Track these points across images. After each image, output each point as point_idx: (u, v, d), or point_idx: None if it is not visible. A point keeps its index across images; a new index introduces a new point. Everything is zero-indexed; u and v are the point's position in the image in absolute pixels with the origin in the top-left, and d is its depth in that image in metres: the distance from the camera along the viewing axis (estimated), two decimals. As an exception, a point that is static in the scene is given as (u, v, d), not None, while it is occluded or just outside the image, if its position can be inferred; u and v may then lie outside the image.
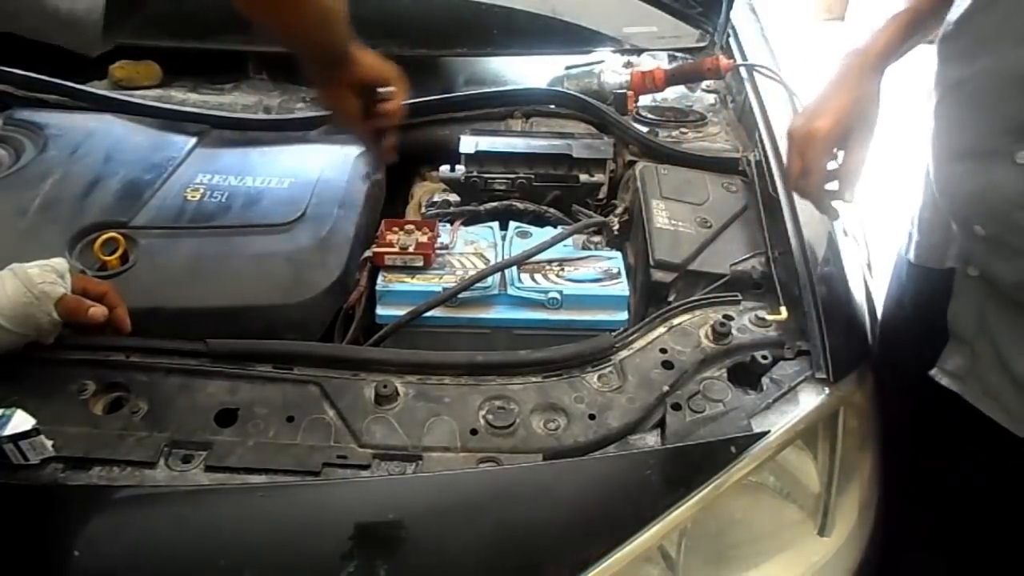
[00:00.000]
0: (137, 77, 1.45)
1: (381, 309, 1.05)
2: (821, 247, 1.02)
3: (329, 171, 1.18)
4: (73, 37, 0.76)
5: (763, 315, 0.96)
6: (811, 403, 0.87)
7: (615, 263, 1.10)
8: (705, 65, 1.39)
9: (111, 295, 0.86)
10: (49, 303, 0.80)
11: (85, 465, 0.77)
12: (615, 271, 1.08)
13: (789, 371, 0.90)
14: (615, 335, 0.93)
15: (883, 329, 1.11)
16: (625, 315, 1.06)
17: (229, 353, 0.88)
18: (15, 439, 0.73)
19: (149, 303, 0.93)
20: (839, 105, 0.90)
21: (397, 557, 0.72)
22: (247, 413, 0.82)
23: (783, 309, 0.97)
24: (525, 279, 1.06)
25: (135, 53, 1.46)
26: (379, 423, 0.82)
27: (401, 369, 0.88)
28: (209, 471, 0.77)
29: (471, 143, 1.24)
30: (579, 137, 1.30)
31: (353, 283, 1.07)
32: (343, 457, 0.79)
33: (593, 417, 0.83)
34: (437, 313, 1.02)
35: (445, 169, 1.24)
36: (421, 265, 1.08)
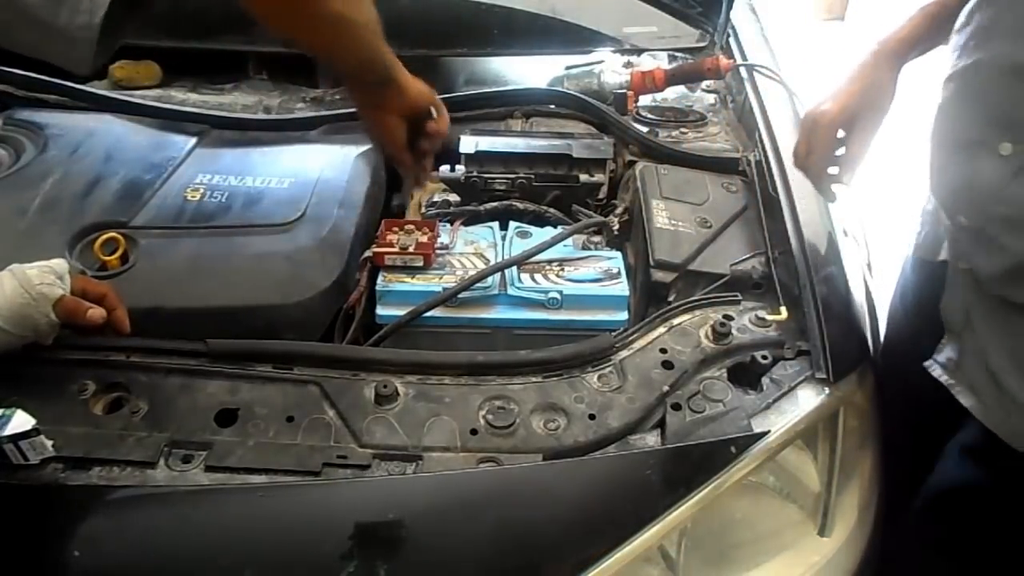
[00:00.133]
0: (137, 77, 1.45)
1: (381, 309, 1.05)
2: (821, 247, 1.02)
3: (329, 171, 1.18)
4: (66, 54, 0.75)
5: (763, 315, 0.96)
6: (811, 403, 0.87)
7: (615, 263, 1.10)
8: (705, 65, 1.39)
9: (110, 296, 0.86)
10: (47, 304, 0.80)
11: (85, 465, 0.77)
12: (615, 271, 1.08)
13: (789, 371, 0.90)
14: (615, 335, 0.93)
15: (888, 321, 1.13)
16: (625, 315, 1.06)
17: (229, 353, 0.88)
18: (15, 439, 0.73)
19: (149, 303, 0.93)
20: (848, 91, 0.94)
21: (397, 557, 0.72)
22: (247, 413, 0.82)
23: (783, 309, 0.97)
24: (525, 279, 1.06)
25: (135, 53, 1.46)
26: (379, 423, 0.82)
27: (401, 369, 0.88)
28: (209, 471, 0.77)
29: (471, 143, 1.24)
30: (579, 137, 1.30)
31: (353, 283, 1.07)
32: (343, 457, 0.79)
33: (593, 417, 0.83)
34: (437, 313, 1.02)
35: (445, 169, 1.24)
36: (421, 265, 1.08)
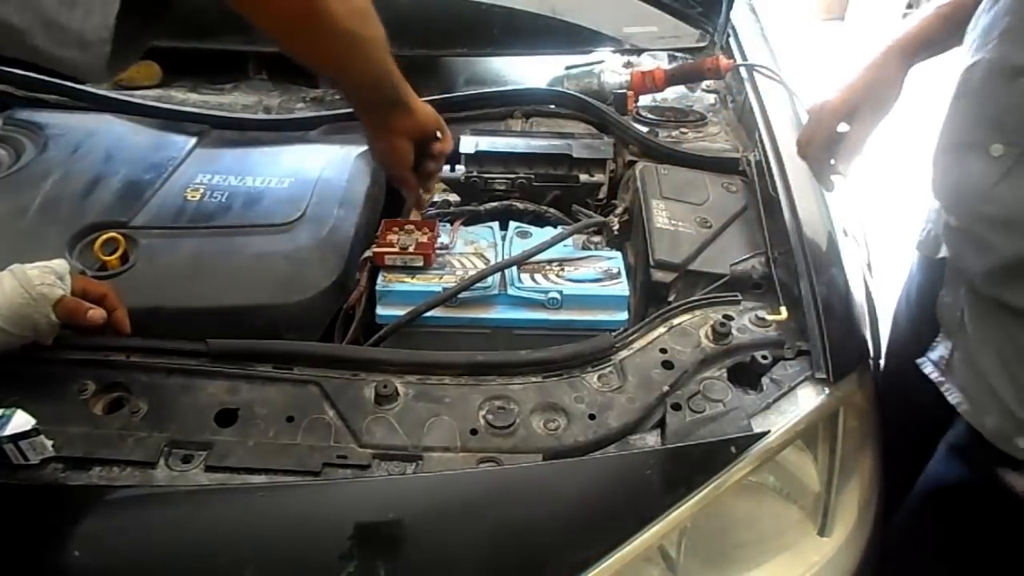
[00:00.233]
0: (137, 77, 1.46)
1: (381, 309, 1.05)
2: (821, 247, 1.02)
3: (329, 171, 1.18)
4: (80, 60, 0.75)
5: (763, 315, 0.96)
6: (811, 403, 0.87)
7: (615, 263, 1.10)
8: (705, 65, 1.39)
9: (111, 297, 0.86)
10: (47, 305, 0.80)
11: (85, 465, 0.77)
12: (615, 271, 1.08)
13: (789, 371, 0.90)
14: (615, 335, 0.93)
15: (893, 318, 1.13)
16: (625, 315, 1.06)
17: (229, 353, 0.88)
18: (15, 439, 0.73)
19: (149, 303, 0.93)
20: (853, 85, 0.96)
21: (397, 557, 0.72)
22: (247, 413, 0.82)
23: (783, 309, 0.97)
24: (525, 279, 1.06)
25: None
26: (379, 423, 0.82)
27: (401, 369, 0.88)
28: (209, 471, 0.77)
29: (471, 143, 1.24)
30: (579, 137, 1.30)
31: (353, 283, 1.07)
32: (343, 457, 0.79)
33: (593, 417, 0.83)
34: (437, 313, 1.02)
35: (445, 169, 1.24)
36: (421, 265, 1.08)
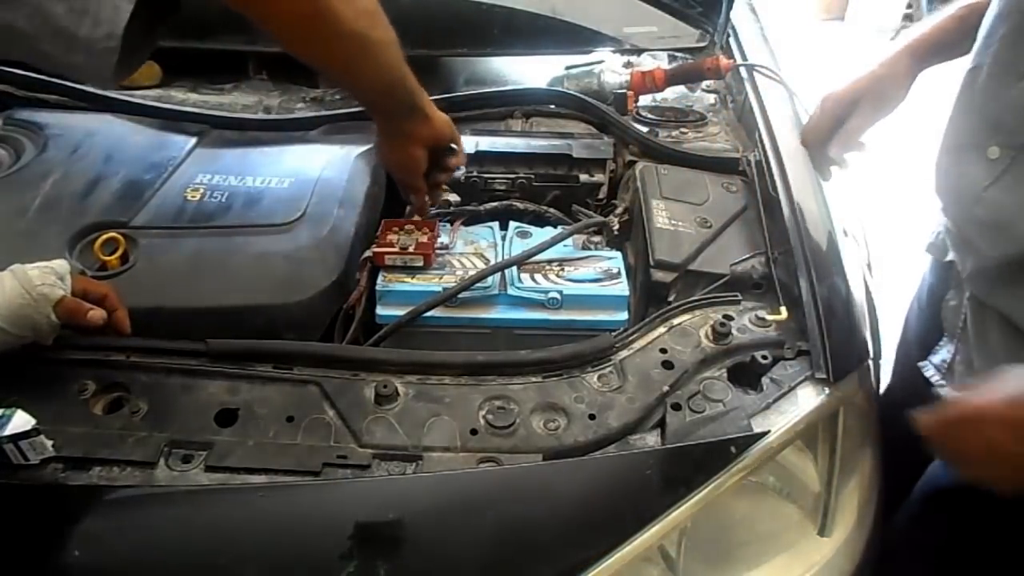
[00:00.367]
0: (137, 77, 1.45)
1: (381, 309, 1.05)
2: (821, 247, 1.02)
3: (329, 171, 1.18)
4: (88, 66, 0.74)
5: (763, 315, 0.96)
6: (811, 403, 0.87)
7: (615, 263, 1.10)
8: (705, 65, 1.39)
9: (111, 297, 0.86)
10: (48, 305, 0.80)
11: (85, 465, 0.77)
12: (615, 271, 1.08)
13: (789, 371, 0.90)
14: (615, 335, 0.93)
15: (905, 319, 1.14)
16: (625, 315, 1.06)
17: (229, 353, 0.88)
18: (15, 439, 0.73)
19: (149, 303, 0.93)
20: (860, 77, 0.99)
21: (397, 557, 0.72)
22: (247, 413, 0.82)
23: (783, 309, 0.97)
24: (525, 279, 1.06)
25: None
26: (379, 423, 0.82)
27: (401, 369, 0.88)
28: (209, 471, 0.77)
29: (471, 143, 1.24)
30: (579, 137, 1.30)
31: (353, 283, 1.07)
32: (343, 457, 0.79)
33: (593, 417, 0.83)
34: (437, 313, 1.02)
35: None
36: (421, 265, 1.08)
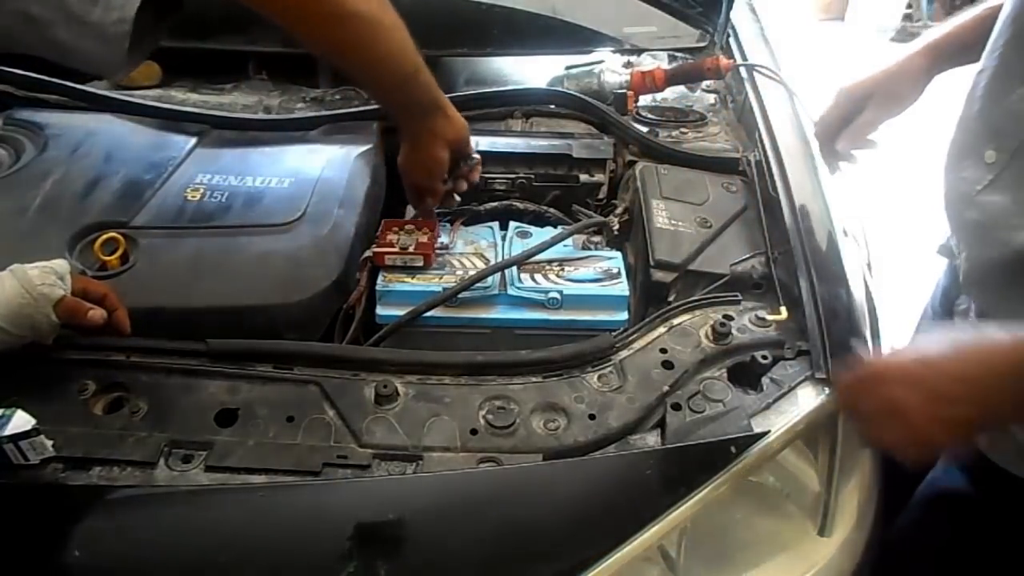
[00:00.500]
0: (137, 77, 1.45)
1: (381, 309, 1.05)
2: (821, 247, 1.02)
3: (329, 171, 1.18)
4: (98, 54, 0.74)
5: (763, 315, 0.96)
6: (811, 403, 0.87)
7: (615, 263, 1.10)
8: (705, 65, 1.39)
9: (111, 297, 0.86)
10: (48, 305, 0.80)
11: (85, 465, 0.77)
12: (615, 271, 1.08)
13: (789, 371, 0.89)
14: (615, 335, 0.93)
15: (919, 322, 1.15)
16: (625, 315, 1.06)
17: (229, 353, 0.88)
18: (15, 439, 0.73)
19: (149, 303, 0.93)
20: (874, 74, 0.99)
21: (397, 557, 0.72)
22: (247, 413, 0.82)
23: (783, 309, 0.97)
24: (525, 279, 1.06)
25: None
26: (379, 423, 0.82)
27: (401, 369, 0.88)
28: (209, 471, 0.77)
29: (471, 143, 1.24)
30: (579, 137, 1.30)
31: (353, 283, 1.07)
32: (343, 457, 0.79)
33: (593, 417, 0.83)
34: (437, 313, 1.02)
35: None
36: (421, 265, 1.08)
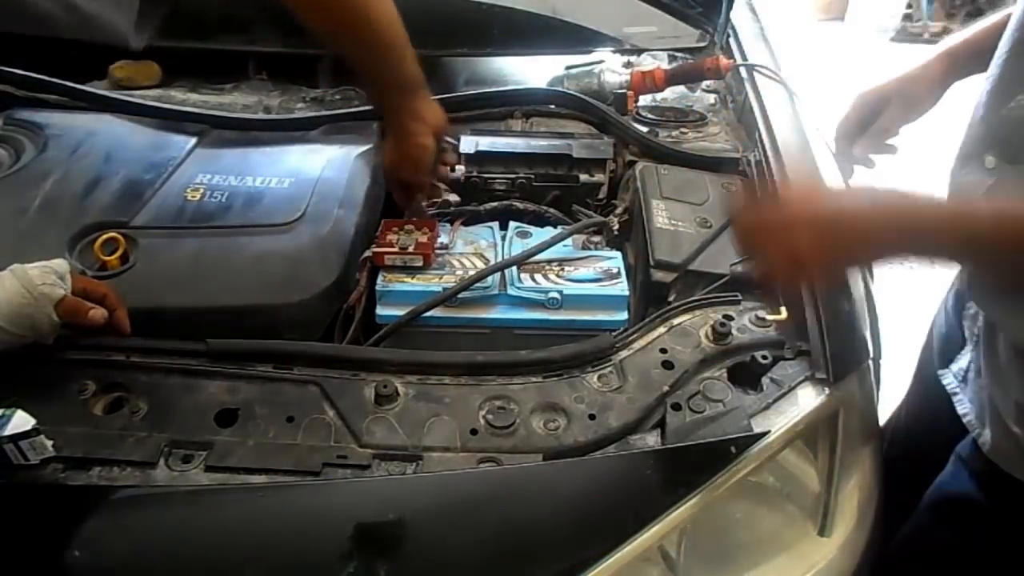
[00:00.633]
0: (137, 77, 1.45)
1: (381, 309, 1.05)
2: (821, 247, 1.02)
3: (329, 171, 1.18)
4: (110, 19, 0.73)
5: (763, 315, 0.96)
6: (811, 403, 0.87)
7: (615, 263, 1.10)
8: (705, 65, 1.39)
9: (111, 297, 0.86)
10: (48, 305, 0.80)
11: (85, 465, 0.77)
12: (615, 271, 1.08)
13: (789, 371, 0.89)
14: (615, 335, 0.93)
15: (931, 326, 1.14)
16: (625, 315, 1.06)
17: (229, 353, 0.88)
18: (15, 439, 0.73)
19: (149, 303, 0.93)
20: (893, 78, 1.00)
21: (397, 557, 0.72)
22: (247, 413, 0.82)
23: (783, 309, 0.97)
24: (525, 279, 1.06)
25: (135, 53, 1.45)
26: (379, 423, 0.82)
27: (401, 369, 0.88)
28: (209, 471, 0.77)
29: (471, 143, 1.24)
30: (579, 137, 1.30)
31: (353, 283, 1.07)
32: (343, 457, 0.79)
33: (593, 417, 0.83)
34: (437, 313, 1.02)
35: (445, 169, 1.24)
36: (421, 265, 1.08)
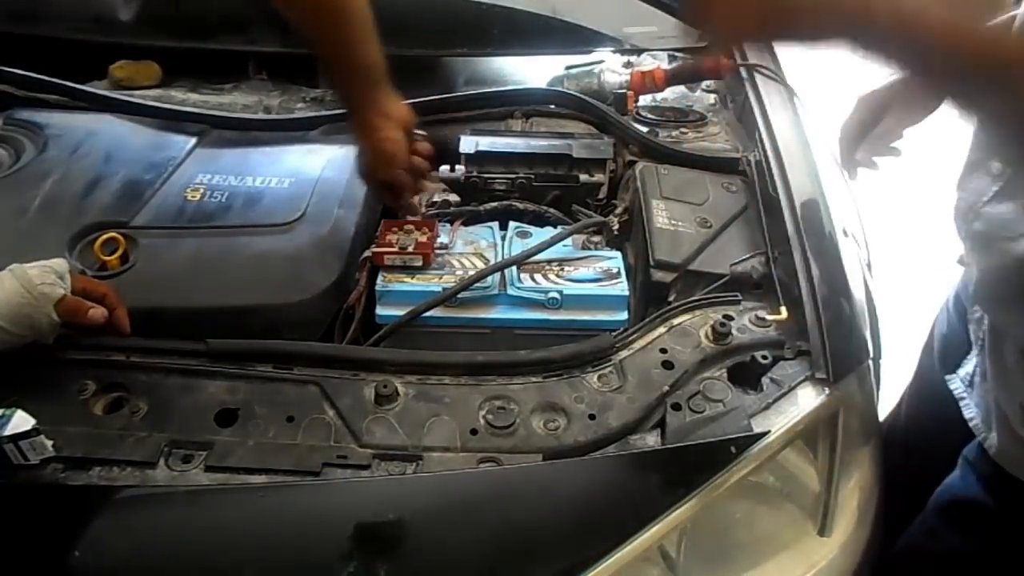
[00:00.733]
0: (137, 77, 1.45)
1: (381, 309, 1.05)
2: (821, 247, 1.02)
3: (329, 171, 1.18)
4: None
5: (763, 315, 0.96)
6: (811, 403, 0.87)
7: (615, 263, 1.10)
8: (705, 65, 1.39)
9: (111, 296, 0.86)
10: (48, 304, 0.80)
11: (85, 465, 0.77)
12: (615, 271, 1.08)
13: (789, 371, 0.89)
14: (615, 335, 0.93)
15: (932, 329, 1.14)
16: (625, 315, 1.05)
17: (229, 353, 0.88)
18: (15, 439, 0.73)
19: (149, 303, 0.93)
20: (892, 81, 1.00)
21: (397, 557, 0.72)
22: (247, 413, 0.82)
23: (783, 309, 0.97)
24: (525, 279, 1.06)
25: (135, 53, 1.46)
26: (379, 423, 0.82)
27: (401, 369, 0.88)
28: (209, 471, 0.77)
29: (471, 143, 1.24)
30: (579, 137, 1.29)
31: (353, 283, 1.07)
32: (343, 457, 0.79)
33: (593, 417, 0.83)
34: (437, 313, 1.02)
35: (445, 169, 1.24)
36: (420, 265, 1.07)
